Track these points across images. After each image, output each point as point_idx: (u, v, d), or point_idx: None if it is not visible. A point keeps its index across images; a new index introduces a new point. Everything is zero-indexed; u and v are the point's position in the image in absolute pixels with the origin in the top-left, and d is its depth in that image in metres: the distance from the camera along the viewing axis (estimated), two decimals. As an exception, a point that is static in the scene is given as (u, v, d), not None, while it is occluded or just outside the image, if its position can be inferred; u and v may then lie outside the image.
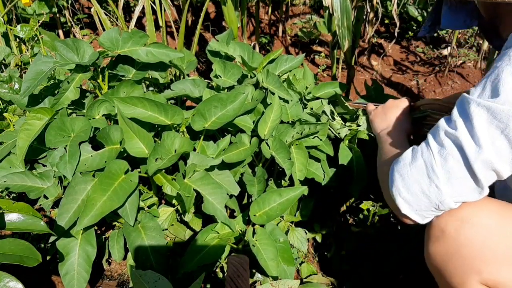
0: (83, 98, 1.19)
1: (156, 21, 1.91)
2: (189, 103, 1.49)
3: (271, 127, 1.13)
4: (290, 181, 1.21)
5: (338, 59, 2.38)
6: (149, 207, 1.10)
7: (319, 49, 2.99)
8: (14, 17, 2.17)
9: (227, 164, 1.09)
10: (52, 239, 0.98)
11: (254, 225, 1.08)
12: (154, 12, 1.92)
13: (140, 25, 2.90)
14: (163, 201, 1.20)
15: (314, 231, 1.32)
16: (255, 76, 1.28)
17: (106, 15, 1.88)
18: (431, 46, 3.03)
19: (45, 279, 1.17)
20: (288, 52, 2.93)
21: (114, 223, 1.10)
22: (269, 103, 1.20)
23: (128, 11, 3.14)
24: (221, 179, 1.06)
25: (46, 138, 0.98)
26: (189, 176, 1.02)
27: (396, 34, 2.27)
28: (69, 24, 2.58)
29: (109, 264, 1.22)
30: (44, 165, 1.12)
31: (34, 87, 1.02)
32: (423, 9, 3.08)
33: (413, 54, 2.97)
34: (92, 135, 1.03)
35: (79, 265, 0.96)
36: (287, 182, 1.23)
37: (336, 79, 2.32)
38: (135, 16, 1.86)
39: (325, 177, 1.21)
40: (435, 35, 3.12)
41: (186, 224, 1.18)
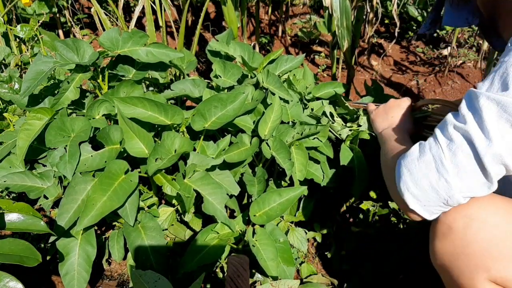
0: (83, 98, 1.19)
1: (156, 21, 1.91)
2: (189, 103, 1.50)
3: (272, 127, 1.13)
4: (290, 181, 1.21)
5: (338, 59, 2.38)
6: (149, 207, 1.10)
7: (319, 49, 3.00)
8: (14, 17, 2.17)
9: (228, 164, 1.09)
10: (52, 239, 0.98)
11: (254, 225, 1.08)
12: (154, 12, 1.92)
13: (140, 25, 2.90)
14: (163, 201, 1.20)
15: (314, 231, 1.32)
16: (255, 76, 1.28)
17: (106, 15, 1.88)
18: (431, 46, 3.03)
19: (45, 279, 1.17)
20: (288, 52, 2.93)
21: (114, 223, 1.10)
22: (269, 103, 1.20)
23: (128, 11, 3.14)
24: (221, 179, 1.06)
25: (46, 138, 0.98)
26: (189, 176, 1.02)
27: (396, 34, 2.27)
28: (69, 24, 2.58)
29: (109, 264, 1.22)
30: (44, 165, 1.12)
31: (34, 87, 1.02)
32: (423, 9, 3.08)
33: (413, 54, 2.97)
34: (92, 135, 1.03)
35: (79, 265, 0.96)
36: (287, 182, 1.23)
37: (336, 79, 2.32)
38: (135, 16, 1.86)
39: (324, 177, 1.21)
40: (435, 35, 3.13)
41: (186, 224, 1.18)
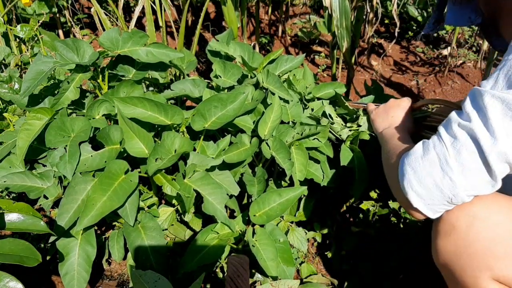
0: (83, 98, 1.19)
1: (156, 21, 1.91)
2: (189, 103, 1.50)
3: (271, 127, 1.13)
4: (290, 181, 1.21)
5: (338, 59, 2.38)
6: (149, 207, 1.10)
7: (319, 49, 3.00)
8: (14, 17, 2.17)
9: (228, 164, 1.09)
10: (52, 239, 0.98)
11: (254, 225, 1.08)
12: (154, 12, 1.92)
13: (140, 25, 2.90)
14: (163, 201, 1.20)
15: (314, 231, 1.32)
16: (255, 76, 1.27)
17: (106, 15, 1.88)
18: (431, 46, 3.04)
19: (45, 279, 1.17)
20: (288, 52, 2.93)
21: (114, 223, 1.10)
22: (269, 103, 1.20)
23: (128, 11, 3.14)
24: (221, 179, 1.06)
25: (46, 138, 0.98)
26: (189, 176, 1.02)
27: (396, 34, 2.27)
28: (69, 24, 2.58)
29: (109, 264, 1.22)
30: (44, 165, 1.12)
31: (34, 87, 1.02)
32: (423, 9, 3.08)
33: (413, 54, 2.97)
34: (92, 135, 1.03)
35: (79, 265, 0.96)
36: (287, 182, 1.23)
37: (336, 79, 2.32)
38: (135, 16, 1.86)
39: (324, 177, 1.21)
40: (435, 35, 3.13)
41: (186, 224, 1.18)
